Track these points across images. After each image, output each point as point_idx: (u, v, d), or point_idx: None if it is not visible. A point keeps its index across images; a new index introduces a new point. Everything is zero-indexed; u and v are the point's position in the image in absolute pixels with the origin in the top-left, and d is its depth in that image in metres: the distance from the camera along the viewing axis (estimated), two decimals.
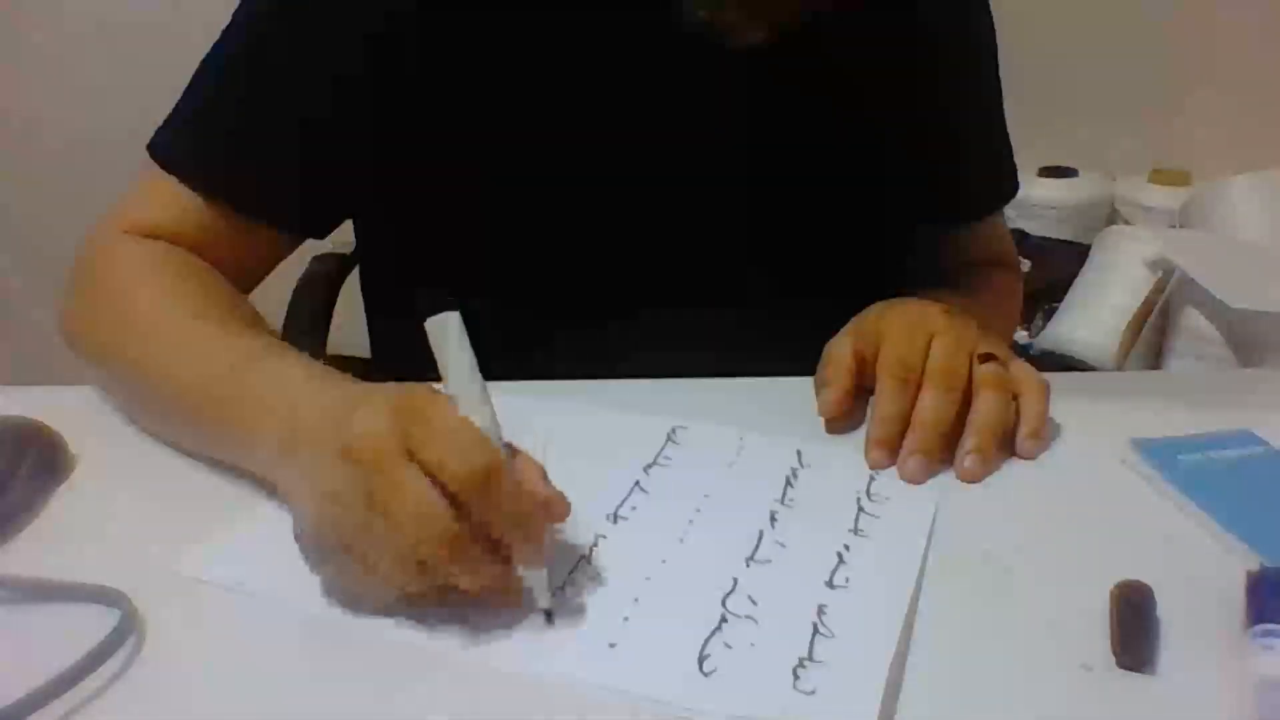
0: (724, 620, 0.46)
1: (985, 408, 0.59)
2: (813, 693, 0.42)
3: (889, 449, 0.59)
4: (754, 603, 0.47)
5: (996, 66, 0.82)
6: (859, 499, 0.55)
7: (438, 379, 0.47)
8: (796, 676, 0.42)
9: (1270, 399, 0.69)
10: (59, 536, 0.52)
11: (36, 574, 0.47)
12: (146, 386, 0.60)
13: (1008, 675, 0.43)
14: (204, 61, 0.69)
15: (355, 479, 0.43)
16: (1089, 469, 0.59)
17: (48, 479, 0.56)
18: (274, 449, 0.50)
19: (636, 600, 0.47)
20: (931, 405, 0.58)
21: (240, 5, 0.68)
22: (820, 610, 0.46)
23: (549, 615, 0.46)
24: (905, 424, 0.59)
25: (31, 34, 1.74)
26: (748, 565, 0.49)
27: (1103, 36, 1.83)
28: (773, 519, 0.53)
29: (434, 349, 0.46)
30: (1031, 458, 0.60)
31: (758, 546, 0.51)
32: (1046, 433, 0.61)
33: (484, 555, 0.44)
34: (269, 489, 0.53)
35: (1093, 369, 1.54)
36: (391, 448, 0.43)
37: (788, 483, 0.56)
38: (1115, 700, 0.42)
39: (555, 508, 0.46)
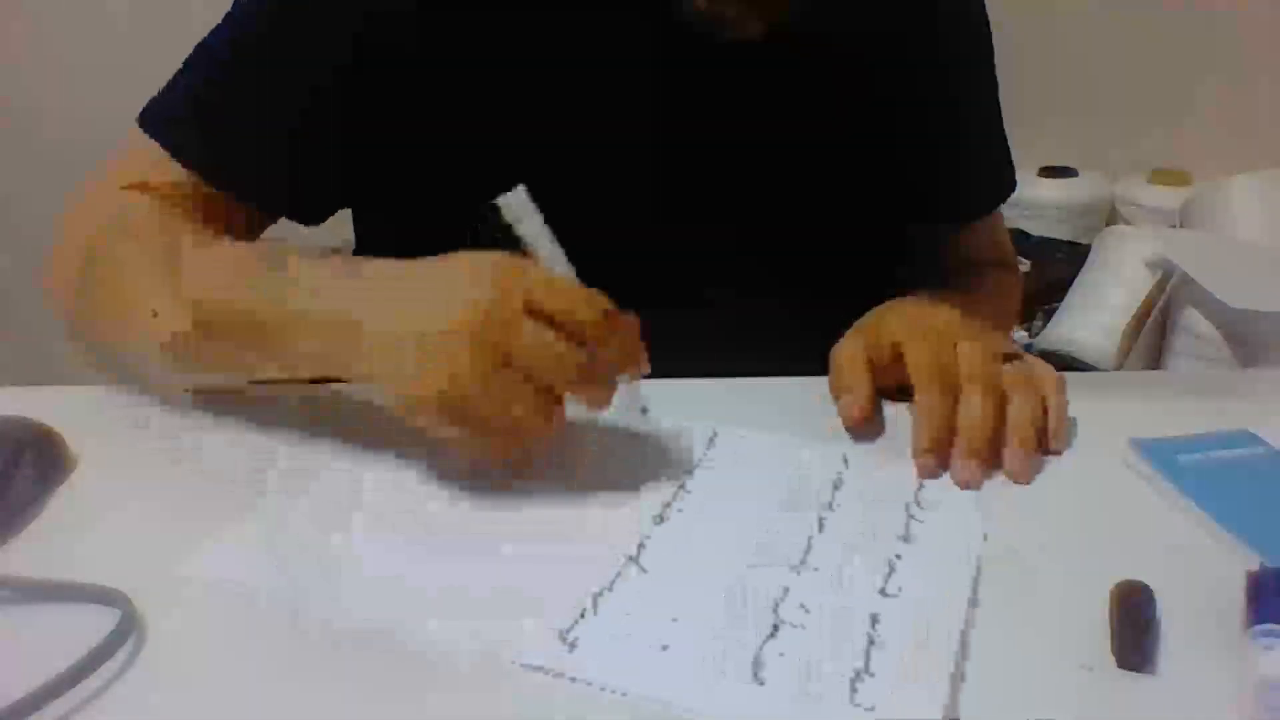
0: (776, 628, 0.45)
1: (1021, 407, 0.59)
2: (872, 709, 0.41)
3: (939, 455, 0.58)
4: (806, 611, 0.46)
5: (993, 63, 0.82)
6: (908, 506, 0.55)
7: None
8: (854, 690, 0.41)
9: (1270, 399, 0.69)
10: (59, 536, 0.52)
11: (36, 574, 0.47)
12: (188, 327, 0.57)
13: (1008, 675, 0.43)
14: (204, 40, 0.69)
15: (483, 346, 0.48)
16: (1089, 469, 0.59)
17: (48, 479, 0.56)
18: (340, 335, 0.53)
19: (687, 602, 0.47)
20: (980, 409, 0.58)
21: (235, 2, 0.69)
22: (874, 620, 0.45)
23: (645, 410, 0.58)
24: (952, 430, 0.58)
25: (33, 34, 1.74)
26: (799, 572, 0.49)
27: (1103, 37, 1.83)
28: (821, 525, 0.52)
29: (511, 222, 0.52)
30: (1058, 453, 0.60)
31: (807, 553, 0.50)
32: (1066, 430, 0.61)
33: (598, 373, 0.51)
34: (330, 439, 0.57)
35: (1093, 369, 1.54)
36: (513, 309, 0.49)
37: (834, 488, 0.56)
38: (1115, 700, 0.42)
39: (639, 332, 0.53)
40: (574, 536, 0.51)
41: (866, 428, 0.61)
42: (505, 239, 0.54)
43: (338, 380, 0.56)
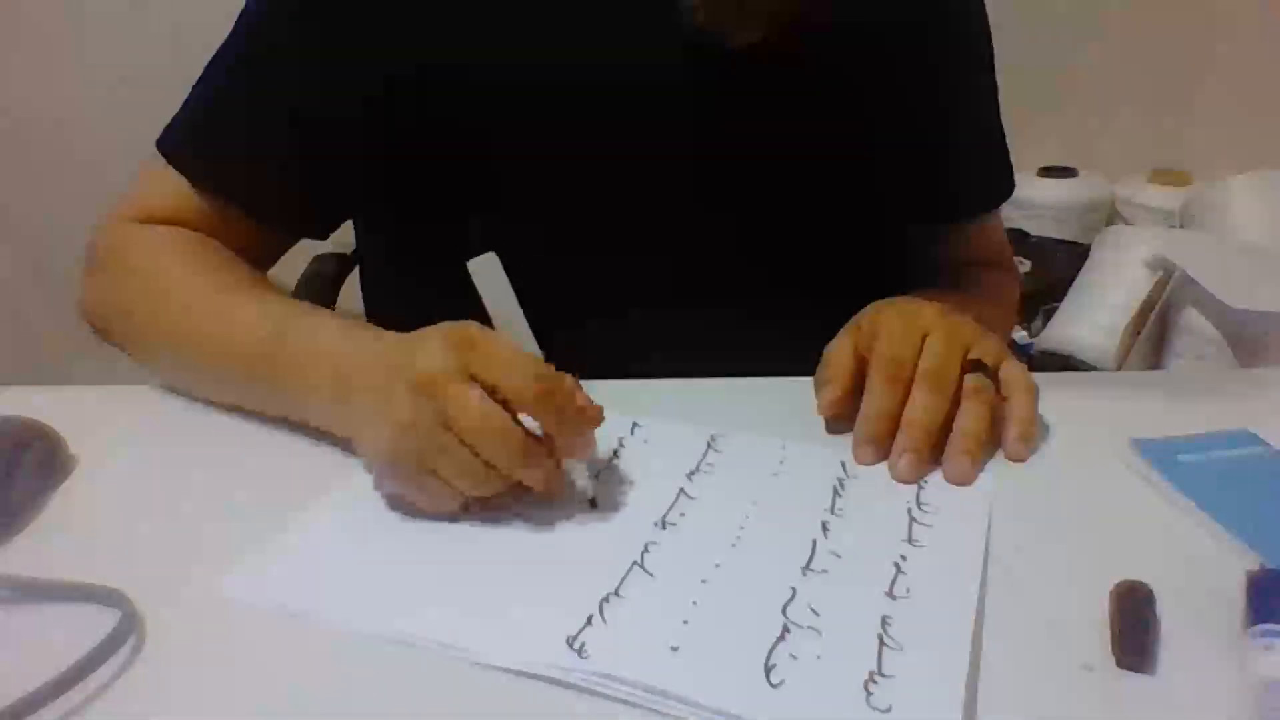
0: (787, 630, 0.45)
1: (967, 416, 0.59)
2: (888, 710, 0.41)
3: (877, 446, 0.58)
4: (815, 613, 0.46)
5: (993, 66, 0.82)
6: (909, 509, 0.55)
7: None
8: (869, 692, 0.41)
9: (1270, 399, 0.69)
10: (59, 536, 0.52)
11: (36, 574, 0.47)
12: (196, 357, 0.63)
13: (1008, 675, 0.43)
14: (214, 58, 0.70)
15: (428, 407, 0.49)
16: (1089, 469, 0.59)
17: (48, 479, 0.56)
18: (327, 395, 0.56)
19: (694, 604, 0.47)
20: (921, 405, 0.58)
21: (245, 6, 0.69)
22: (884, 622, 0.45)
23: (593, 502, 0.53)
24: (893, 422, 0.59)
25: (33, 32, 1.74)
26: (804, 574, 0.49)
27: (1103, 37, 1.83)
28: (824, 529, 0.53)
29: (478, 287, 0.52)
30: (1022, 459, 0.59)
31: (812, 556, 0.50)
32: (1035, 435, 0.60)
33: (541, 454, 0.51)
34: (326, 433, 0.58)
35: (1093, 369, 1.54)
36: (456, 376, 0.49)
37: (835, 492, 0.56)
38: (1115, 700, 0.42)
39: (591, 414, 0.53)
40: (579, 543, 0.51)
41: (844, 420, 0.61)
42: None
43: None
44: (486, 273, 0.52)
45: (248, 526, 0.52)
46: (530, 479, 0.51)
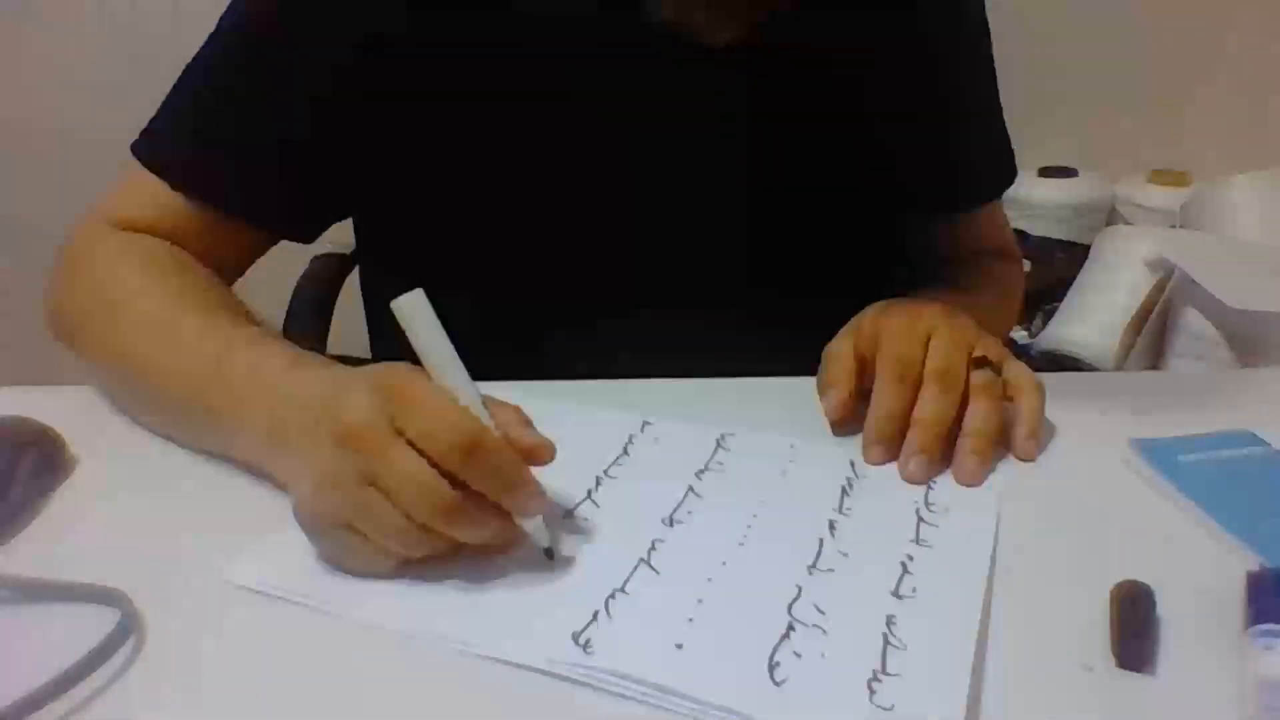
0: (791, 628, 0.45)
1: (978, 414, 0.59)
2: (891, 708, 0.41)
3: (887, 447, 0.59)
4: (821, 612, 0.46)
5: (989, 52, 0.81)
6: (917, 509, 0.55)
7: None
8: (872, 690, 0.41)
9: (1270, 399, 0.69)
10: (59, 536, 0.52)
11: (36, 574, 0.47)
12: (137, 379, 0.60)
13: (1008, 675, 0.43)
14: (191, 63, 0.69)
15: (350, 461, 0.45)
16: (1089, 469, 0.59)
17: (48, 479, 0.56)
18: (261, 437, 0.52)
19: (700, 602, 0.47)
20: (932, 405, 0.58)
21: (229, 9, 0.68)
22: (889, 621, 0.45)
23: (549, 552, 0.49)
24: (903, 422, 0.59)
25: (31, 34, 1.74)
26: (811, 573, 0.49)
27: (1103, 37, 1.83)
28: (832, 528, 0.53)
29: (405, 328, 0.47)
30: (1030, 459, 0.59)
31: (819, 555, 0.50)
32: (1043, 433, 0.60)
33: (482, 511, 0.46)
34: (261, 476, 0.54)
35: (1093, 369, 1.54)
36: (380, 428, 0.45)
37: (844, 492, 0.56)
38: (1115, 700, 0.42)
39: (538, 454, 0.48)
40: (586, 539, 0.52)
41: (851, 422, 0.61)
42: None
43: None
44: (414, 312, 0.47)
45: (248, 526, 0.52)
46: (469, 538, 0.46)
